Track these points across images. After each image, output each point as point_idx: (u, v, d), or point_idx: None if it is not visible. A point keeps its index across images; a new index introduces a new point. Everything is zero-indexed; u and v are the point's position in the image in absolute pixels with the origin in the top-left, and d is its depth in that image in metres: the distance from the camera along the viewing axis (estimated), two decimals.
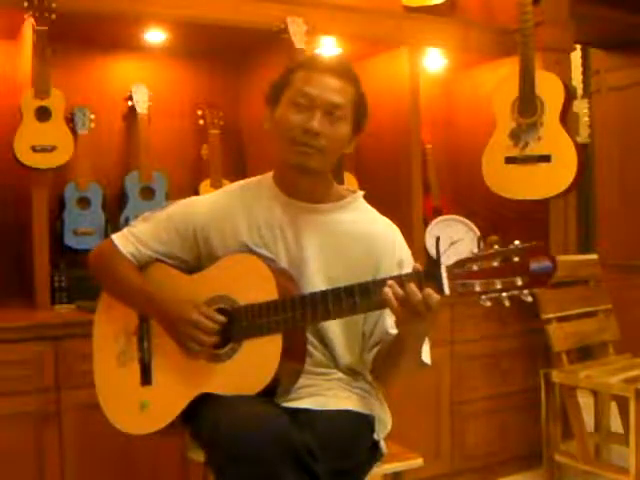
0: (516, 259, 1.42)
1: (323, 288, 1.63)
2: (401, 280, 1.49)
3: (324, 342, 1.73)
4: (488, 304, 1.45)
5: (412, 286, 1.47)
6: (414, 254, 1.83)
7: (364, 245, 1.73)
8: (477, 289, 1.44)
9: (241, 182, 1.86)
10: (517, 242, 1.43)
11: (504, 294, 1.43)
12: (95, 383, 1.86)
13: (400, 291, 1.47)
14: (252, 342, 1.65)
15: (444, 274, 1.46)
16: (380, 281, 1.53)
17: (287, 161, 1.71)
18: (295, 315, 1.60)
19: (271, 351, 1.61)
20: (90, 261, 1.89)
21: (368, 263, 1.71)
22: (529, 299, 1.42)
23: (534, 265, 1.41)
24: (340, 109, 1.69)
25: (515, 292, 1.42)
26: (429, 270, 1.48)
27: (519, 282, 1.41)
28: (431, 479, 2.89)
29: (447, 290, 1.46)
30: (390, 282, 1.49)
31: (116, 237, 1.84)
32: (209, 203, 1.82)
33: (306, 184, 1.73)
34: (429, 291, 1.45)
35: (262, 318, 1.63)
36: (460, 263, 1.45)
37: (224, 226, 1.76)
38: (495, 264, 1.43)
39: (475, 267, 1.44)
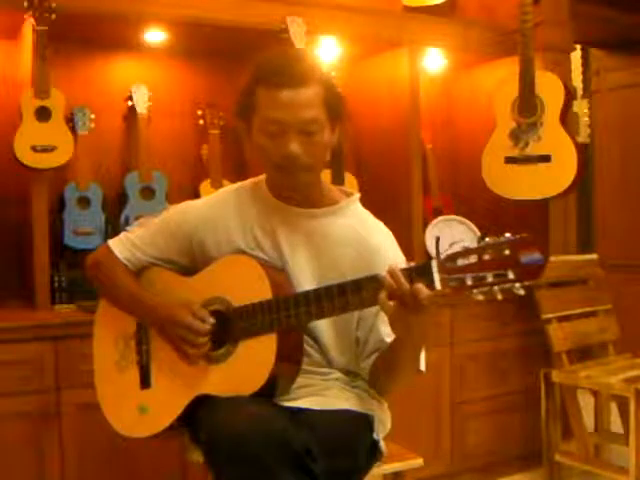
0: (507, 252, 1.40)
1: None
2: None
3: (318, 344, 1.73)
4: (480, 298, 1.43)
5: (400, 277, 1.46)
6: (414, 254, 1.82)
7: (357, 251, 1.72)
8: (469, 283, 1.42)
9: (236, 185, 1.85)
10: (507, 234, 1.43)
11: (496, 287, 1.41)
12: (95, 386, 1.87)
13: (391, 282, 1.46)
14: (247, 342, 1.65)
15: (435, 269, 1.45)
16: (371, 277, 1.53)
17: (277, 181, 1.71)
18: (289, 314, 1.60)
19: (266, 351, 1.61)
20: (87, 267, 1.89)
21: (361, 269, 1.66)
22: (521, 292, 1.41)
23: (524, 257, 1.39)
24: (314, 122, 1.62)
25: (507, 285, 1.40)
26: (420, 265, 1.48)
27: (510, 275, 1.40)
28: (431, 479, 2.89)
29: (438, 285, 1.45)
30: (382, 276, 1.48)
31: (112, 242, 1.85)
32: (204, 207, 1.82)
33: (294, 189, 1.71)
34: (418, 285, 1.44)
35: (256, 318, 1.63)
36: (451, 257, 1.44)
37: (218, 230, 1.76)
38: (486, 257, 1.41)
39: (466, 261, 1.43)
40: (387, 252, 1.74)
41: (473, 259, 1.42)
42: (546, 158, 3.07)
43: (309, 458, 1.49)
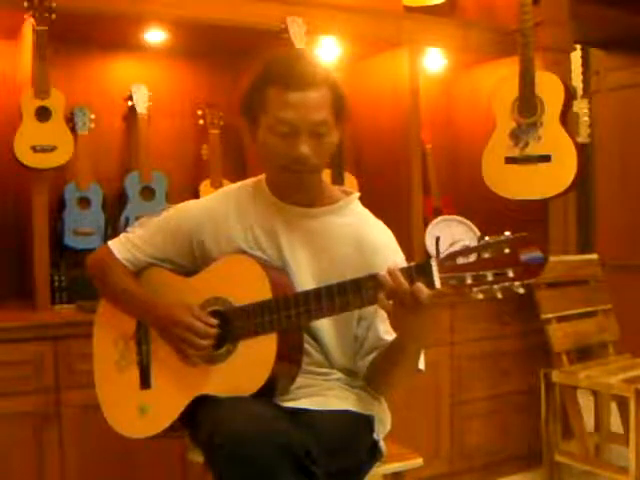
0: (507, 250, 1.40)
1: None
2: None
3: (319, 343, 1.73)
4: (480, 297, 1.43)
5: (400, 276, 1.46)
6: (414, 254, 1.82)
7: (357, 249, 1.72)
8: (468, 282, 1.42)
9: (236, 185, 1.85)
10: (507, 233, 1.43)
11: (495, 286, 1.41)
12: (95, 386, 1.87)
13: (390, 282, 1.46)
14: (247, 342, 1.65)
15: (435, 268, 1.45)
16: (371, 276, 1.53)
17: (280, 181, 1.71)
18: (289, 314, 1.60)
19: (266, 351, 1.61)
20: (87, 267, 1.89)
21: (361, 268, 1.66)
22: (521, 291, 1.41)
23: (524, 256, 1.39)
24: (324, 124, 1.63)
25: (506, 284, 1.40)
26: (420, 264, 1.48)
27: (510, 273, 1.40)
28: (431, 479, 2.89)
29: (438, 284, 1.45)
30: (381, 275, 1.48)
31: (112, 243, 1.85)
32: (204, 207, 1.82)
33: (298, 190, 1.72)
34: (418, 285, 1.44)
35: (256, 318, 1.63)
36: (451, 256, 1.44)
37: (219, 229, 1.76)
38: (486, 256, 1.41)
39: (466, 260, 1.43)
40: (387, 251, 1.74)
41: (473, 258, 1.43)
42: (546, 158, 3.07)
43: (309, 459, 1.49)
